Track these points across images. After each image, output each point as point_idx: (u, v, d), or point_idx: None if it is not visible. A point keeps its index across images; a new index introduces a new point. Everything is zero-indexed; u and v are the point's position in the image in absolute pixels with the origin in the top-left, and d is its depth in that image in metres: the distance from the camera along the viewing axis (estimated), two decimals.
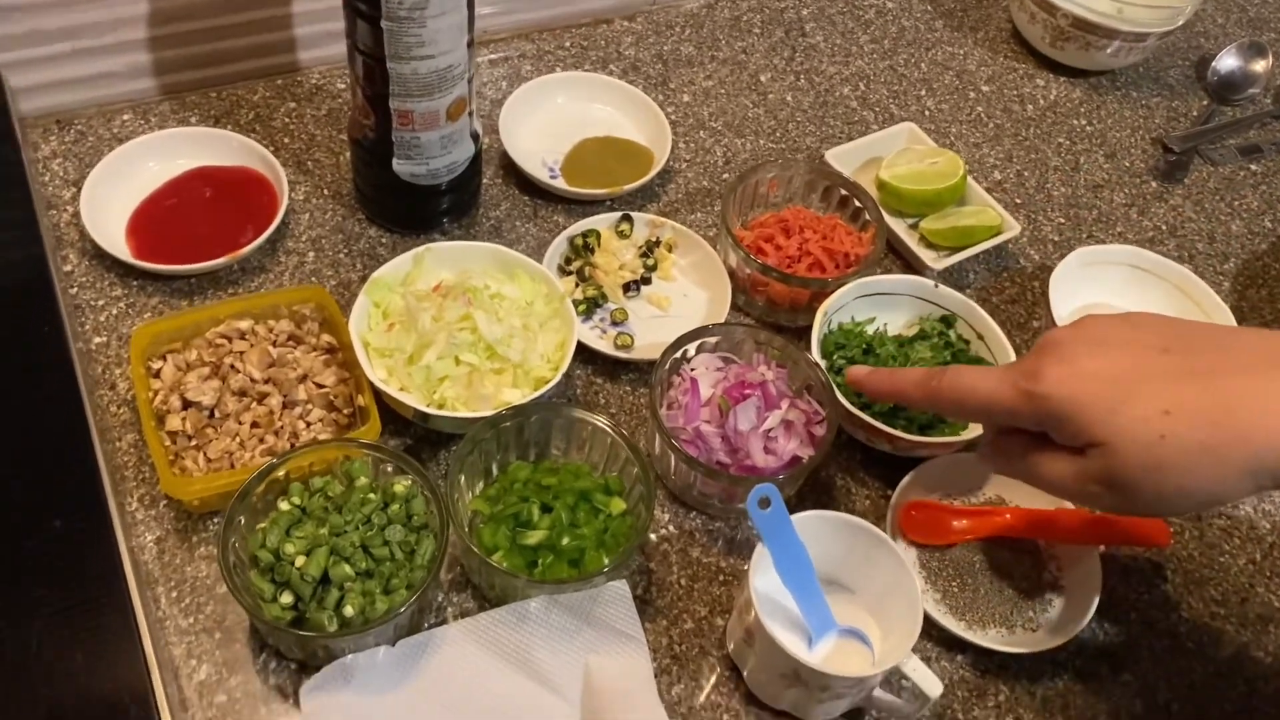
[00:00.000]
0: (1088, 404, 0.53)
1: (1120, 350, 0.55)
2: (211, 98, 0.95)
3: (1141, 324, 0.57)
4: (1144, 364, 0.54)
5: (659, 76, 1.05)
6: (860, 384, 0.68)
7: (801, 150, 1.01)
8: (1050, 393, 0.55)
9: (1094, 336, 0.56)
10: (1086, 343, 0.56)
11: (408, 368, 0.74)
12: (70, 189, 0.86)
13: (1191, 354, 0.54)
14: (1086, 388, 0.54)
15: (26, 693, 0.55)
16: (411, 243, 0.88)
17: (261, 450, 0.71)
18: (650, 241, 0.88)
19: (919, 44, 1.14)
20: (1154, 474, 0.52)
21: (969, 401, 0.60)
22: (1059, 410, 0.54)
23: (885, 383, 0.66)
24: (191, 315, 0.75)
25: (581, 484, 0.70)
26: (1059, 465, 0.56)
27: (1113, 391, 0.53)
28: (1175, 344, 0.55)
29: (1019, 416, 0.57)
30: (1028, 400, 0.56)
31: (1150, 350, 0.55)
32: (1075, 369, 0.55)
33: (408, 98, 0.77)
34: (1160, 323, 0.58)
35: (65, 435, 0.65)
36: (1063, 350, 0.56)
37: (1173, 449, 0.52)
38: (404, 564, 0.65)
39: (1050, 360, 0.55)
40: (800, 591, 0.66)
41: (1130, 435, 0.52)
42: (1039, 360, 0.56)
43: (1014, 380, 0.57)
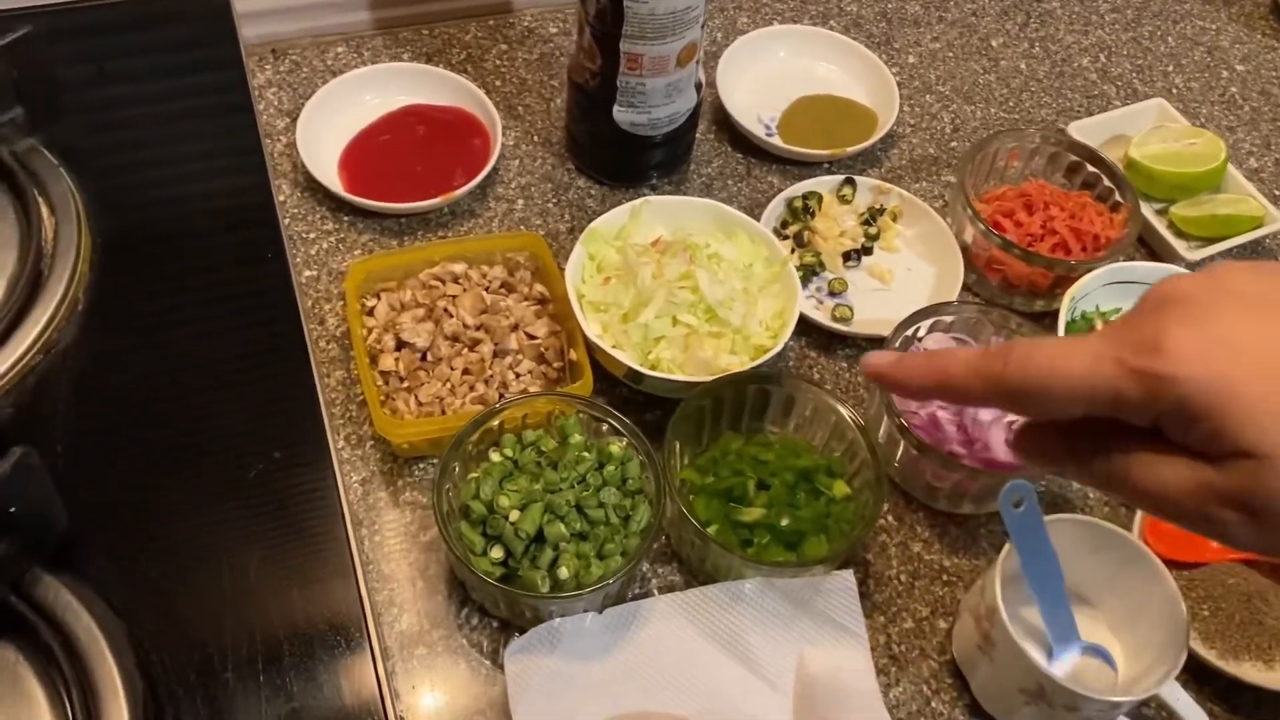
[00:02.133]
0: (1239, 395, 0.36)
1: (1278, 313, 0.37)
2: (424, 34, 0.93)
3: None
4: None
5: (882, 35, 0.98)
6: (884, 376, 0.45)
7: (1036, 122, 0.93)
8: (1180, 373, 0.36)
9: (1240, 290, 0.38)
10: (1231, 299, 0.38)
11: (623, 324, 0.70)
12: (284, 119, 0.85)
13: None
14: (1237, 369, 0.36)
15: (240, 623, 0.53)
16: (621, 196, 0.84)
17: (472, 398, 0.68)
18: (873, 209, 0.82)
19: (1166, 15, 1.04)
20: None
21: (1053, 389, 0.39)
22: (1193, 401, 0.36)
23: (923, 372, 0.44)
24: (406, 254, 0.73)
25: (802, 462, 0.66)
26: (1169, 472, 0.38)
27: (1273, 376, 0.36)
28: None
29: (1128, 406, 0.38)
30: (1142, 383, 0.37)
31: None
32: (1219, 338, 0.36)
33: (640, 39, 0.73)
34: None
35: (287, 366, 0.63)
36: (1194, 308, 0.37)
37: None
38: (618, 529, 0.61)
39: (1176, 323, 0.37)
40: (1046, 600, 0.60)
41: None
42: (1160, 323, 0.37)
43: (1119, 353, 0.37)
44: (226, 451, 0.59)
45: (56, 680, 0.49)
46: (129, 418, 0.60)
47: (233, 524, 0.56)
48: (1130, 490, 0.40)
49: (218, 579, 0.54)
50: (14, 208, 0.65)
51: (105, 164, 0.71)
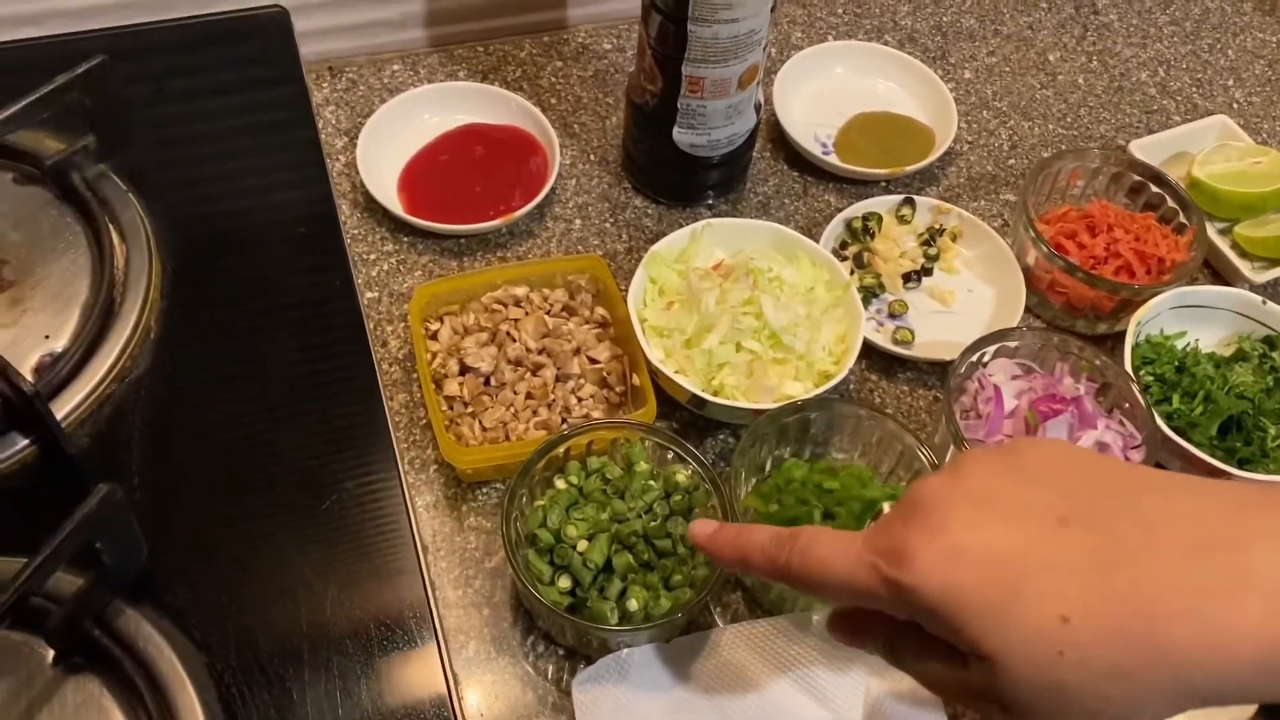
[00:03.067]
0: (968, 604, 0.39)
1: (1008, 519, 0.40)
2: (479, 52, 0.93)
3: (1038, 473, 0.42)
4: (1037, 543, 0.40)
5: (938, 50, 0.97)
6: (702, 544, 0.52)
7: (1096, 138, 0.92)
8: (918, 584, 0.40)
9: (975, 493, 0.42)
10: (966, 504, 0.41)
11: (686, 350, 0.70)
12: (342, 138, 0.85)
13: (1095, 526, 0.40)
14: (965, 578, 0.39)
15: (317, 656, 0.54)
16: (678, 215, 0.84)
17: (535, 423, 0.68)
18: (933, 229, 0.82)
19: (1225, 28, 1.03)
20: (1053, 699, 0.39)
21: (822, 582, 0.44)
22: (931, 608, 0.40)
23: (730, 543, 0.50)
24: (469, 278, 0.73)
25: (869, 493, 0.65)
26: (935, 670, 0.43)
27: (999, 585, 0.39)
28: (1075, 509, 0.40)
29: (885, 607, 0.43)
30: (890, 589, 0.41)
31: (1045, 520, 0.40)
32: (952, 549, 0.40)
33: (702, 63, 0.73)
34: (1061, 469, 0.42)
35: (356, 393, 0.64)
36: (934, 516, 0.41)
37: (1074, 671, 0.38)
38: (686, 559, 0.61)
39: (918, 532, 0.41)
40: None
41: (1022, 653, 0.39)
42: (905, 531, 0.41)
43: (874, 560, 0.42)
44: (299, 481, 0.59)
45: (140, 713, 0.50)
46: (202, 446, 0.60)
47: (307, 556, 0.56)
48: (916, 679, 0.45)
49: (294, 613, 0.54)
50: (86, 235, 0.65)
51: (172, 188, 0.71)
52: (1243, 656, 0.37)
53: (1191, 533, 0.39)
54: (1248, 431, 0.70)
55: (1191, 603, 0.37)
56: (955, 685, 0.42)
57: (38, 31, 0.80)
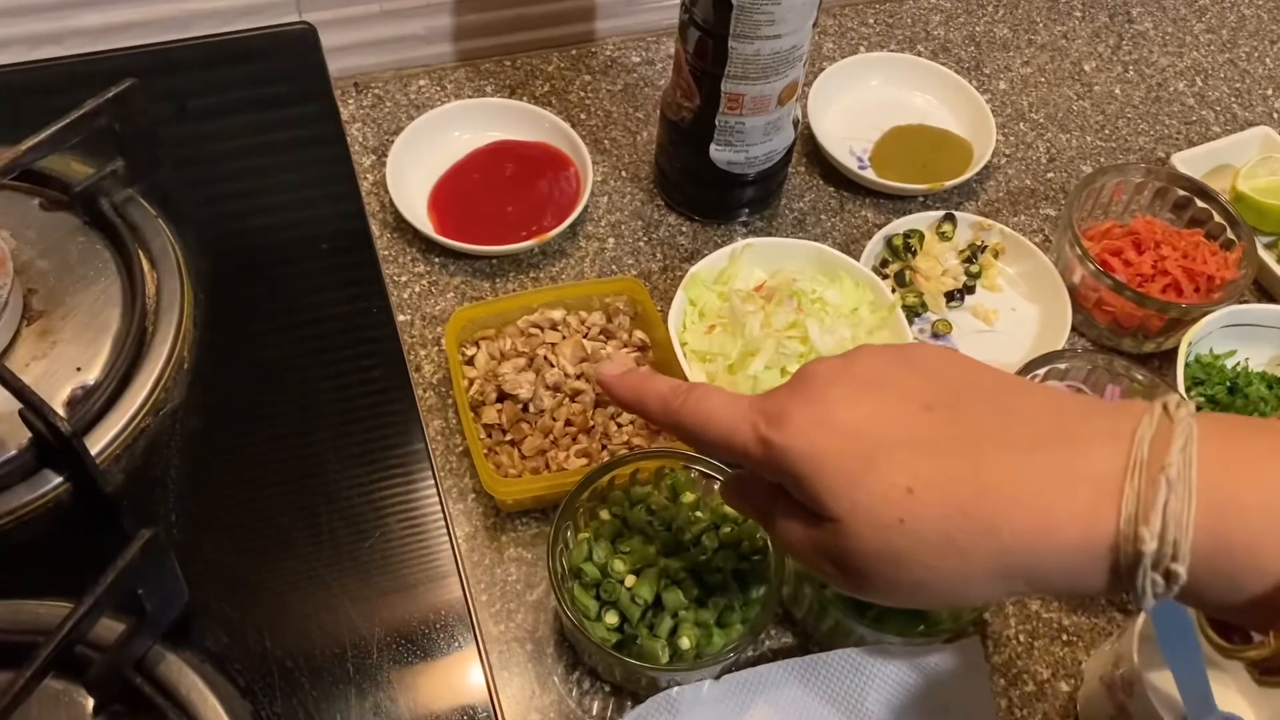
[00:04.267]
0: (825, 468, 0.42)
1: (879, 399, 0.43)
2: (506, 66, 0.91)
3: (922, 366, 0.45)
4: (899, 422, 0.42)
5: (971, 60, 0.96)
6: (606, 386, 0.53)
7: (1134, 150, 0.90)
8: (788, 445, 0.43)
9: (858, 375, 0.44)
10: (846, 383, 0.44)
11: (730, 375, 0.68)
12: (370, 156, 0.84)
13: (957, 414, 0.42)
14: (828, 445, 0.42)
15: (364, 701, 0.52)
16: (712, 232, 0.82)
17: (575, 450, 0.67)
18: (974, 246, 0.80)
19: (1262, 35, 1.01)
20: (889, 565, 0.42)
21: (705, 434, 0.47)
22: (794, 469, 0.43)
23: (632, 388, 0.51)
24: (505, 302, 0.71)
25: None
26: (794, 528, 0.45)
27: (856, 454, 0.42)
28: (942, 399, 0.43)
29: (755, 465, 0.45)
30: (763, 448, 0.44)
31: (912, 403, 0.43)
32: (822, 418, 0.43)
33: (743, 80, 0.71)
34: (947, 368, 0.45)
35: (396, 425, 0.62)
36: (818, 389, 0.44)
37: (911, 538, 0.41)
38: (737, 594, 0.60)
39: (799, 400, 0.44)
40: (1183, 668, 0.58)
41: (865, 516, 0.41)
42: (788, 398, 0.44)
43: (755, 420, 0.45)
44: (342, 516, 0.57)
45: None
46: (240, 482, 0.58)
47: (352, 596, 0.55)
48: (778, 540, 0.48)
49: (341, 657, 0.52)
50: (116, 263, 0.64)
51: (202, 211, 0.70)
52: (1066, 540, 0.39)
53: (1040, 428, 0.41)
54: None
55: (1028, 490, 0.40)
56: (809, 544, 0.44)
57: (59, 51, 0.78)
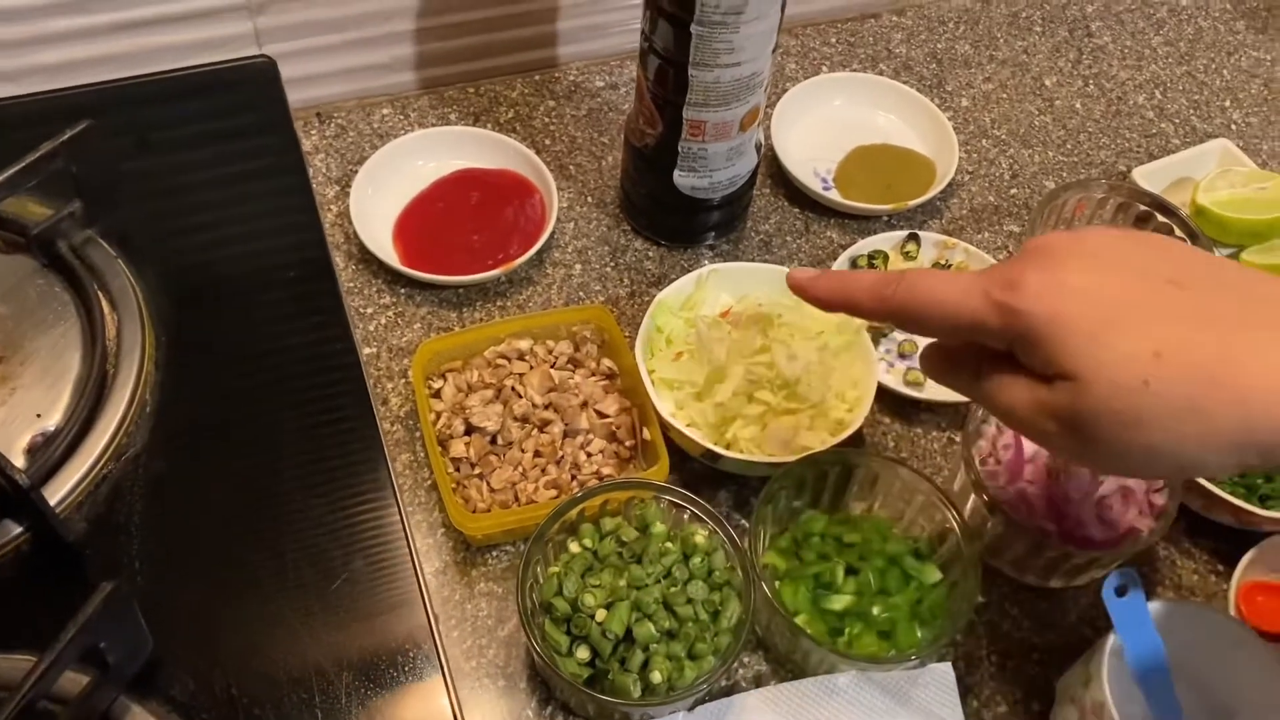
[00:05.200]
0: (1068, 326, 0.43)
1: (1121, 271, 0.44)
2: (469, 93, 0.91)
3: (1156, 246, 0.46)
4: (1145, 292, 0.43)
5: (934, 78, 0.96)
6: (803, 288, 0.54)
7: (1096, 165, 0.91)
8: (1027, 308, 0.44)
9: (1093, 249, 0.45)
10: (1082, 255, 0.45)
11: (698, 402, 0.68)
12: (334, 186, 0.83)
13: (1204, 293, 0.43)
14: (1070, 307, 0.43)
15: None
16: (679, 257, 0.82)
17: (544, 481, 0.67)
18: (939, 264, 0.81)
19: (1219, 47, 1.02)
20: (1126, 427, 0.42)
21: (930, 311, 0.48)
22: (1034, 329, 0.44)
23: (834, 288, 0.53)
24: (471, 333, 0.71)
25: (891, 547, 0.64)
26: (1016, 389, 0.46)
27: (1100, 316, 0.43)
28: (1189, 278, 0.44)
29: (986, 332, 0.46)
30: (999, 313, 0.45)
31: (1157, 279, 0.44)
32: (1061, 282, 0.44)
33: (704, 107, 0.71)
34: (1180, 251, 0.46)
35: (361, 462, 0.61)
36: (1051, 258, 0.45)
37: (1155, 401, 0.41)
38: (708, 626, 0.59)
39: (1034, 268, 0.45)
40: (1153, 690, 0.58)
41: (1109, 374, 0.42)
42: (1021, 267, 0.45)
43: (986, 288, 0.45)
44: (307, 560, 0.57)
45: None
46: (205, 526, 0.58)
47: (319, 639, 0.54)
48: (990, 404, 0.48)
49: (309, 702, 0.52)
50: (75, 306, 0.63)
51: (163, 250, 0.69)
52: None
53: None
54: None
55: (1274, 361, 0.40)
56: (1034, 405, 0.45)
57: (15, 90, 0.77)
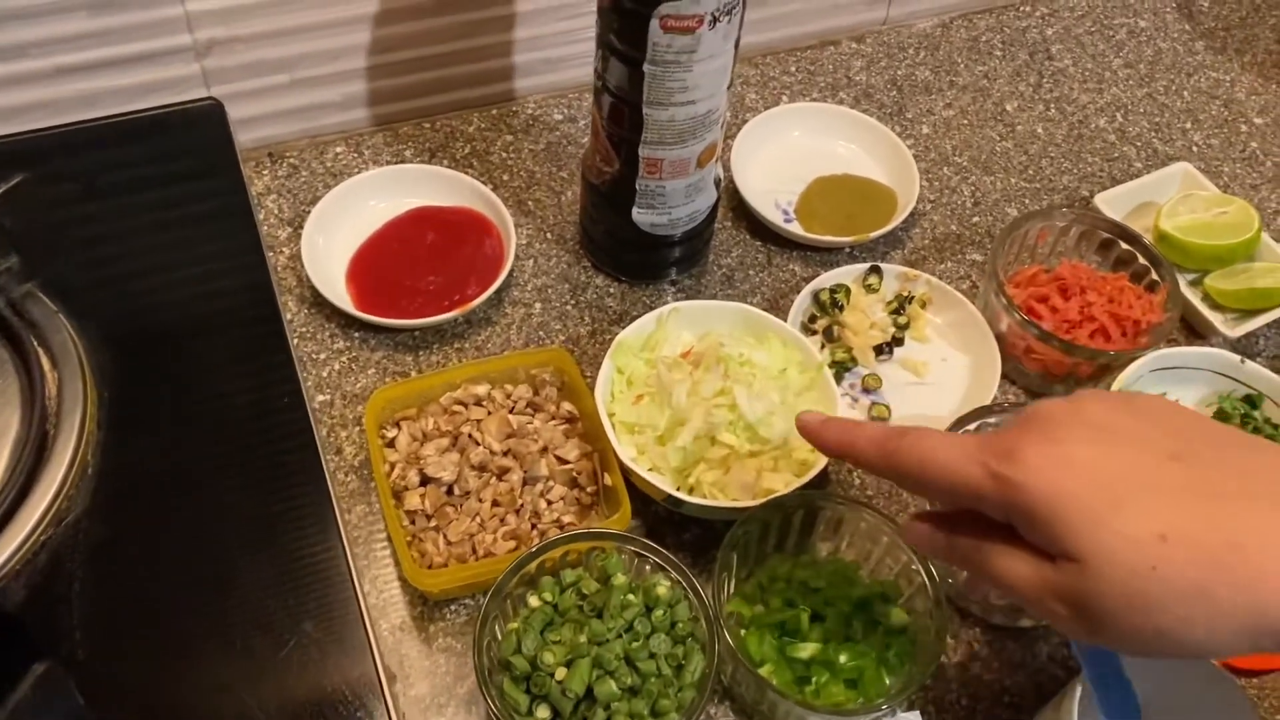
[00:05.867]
0: (1069, 507, 0.43)
1: (1123, 445, 0.44)
2: (425, 129, 0.89)
3: (1151, 415, 0.46)
4: (1147, 469, 0.43)
5: (894, 105, 0.96)
6: (812, 435, 0.56)
7: (1058, 190, 0.91)
8: (1026, 482, 0.44)
9: (1093, 420, 0.45)
10: (1083, 426, 0.45)
11: (659, 446, 0.67)
12: (286, 228, 0.81)
13: (1204, 466, 0.43)
14: (1072, 485, 0.43)
15: None
16: (640, 293, 0.81)
17: (503, 532, 0.65)
18: (901, 296, 0.80)
19: (1179, 69, 1.02)
20: (1135, 612, 0.42)
21: (930, 475, 0.48)
22: (1034, 507, 0.44)
23: (840, 437, 0.54)
24: (426, 380, 0.70)
25: (857, 591, 0.62)
26: (1020, 566, 0.45)
27: (1103, 496, 0.42)
28: (1188, 450, 0.44)
29: (984, 502, 0.46)
30: (997, 486, 0.45)
31: (1157, 453, 0.44)
32: (1063, 456, 0.44)
33: (659, 145, 0.70)
34: (1174, 418, 0.46)
35: (311, 520, 0.60)
36: (1051, 429, 0.45)
37: (1162, 586, 0.41)
38: (671, 680, 0.58)
39: (1033, 440, 0.45)
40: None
41: (1114, 559, 0.42)
42: (1020, 437, 0.45)
43: (984, 458, 0.45)
44: (256, 626, 0.55)
45: None
46: (148, 593, 0.56)
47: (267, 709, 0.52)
48: (991, 578, 0.47)
49: None
50: (14, 363, 0.61)
51: (105, 302, 0.67)
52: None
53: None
54: None
55: None
56: (1037, 583, 0.44)
57: None
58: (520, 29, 0.87)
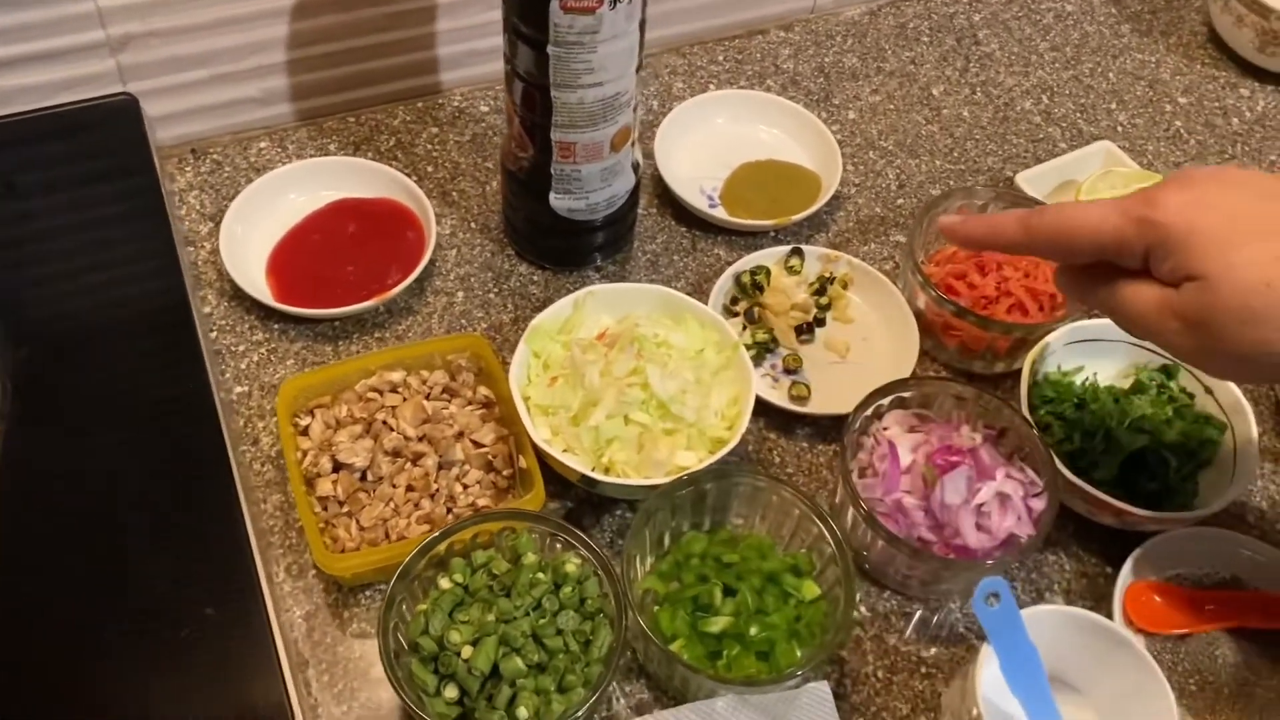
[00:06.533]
0: (1202, 235, 0.49)
1: (1254, 195, 0.50)
2: (350, 123, 0.89)
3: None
4: (1270, 211, 0.50)
5: (821, 91, 0.96)
6: (954, 232, 0.61)
7: (983, 171, 0.91)
8: (1164, 220, 0.50)
9: (1231, 177, 0.52)
10: (1219, 181, 0.51)
11: (573, 427, 0.67)
12: (208, 224, 0.81)
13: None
14: (1203, 218, 0.49)
15: None
16: (564, 280, 0.81)
17: (418, 516, 0.65)
18: (824, 278, 0.80)
19: (1105, 51, 1.03)
20: (1245, 324, 0.48)
21: (1074, 232, 0.53)
22: (1171, 238, 0.50)
23: (982, 227, 0.59)
24: (341, 367, 0.69)
25: (769, 565, 0.63)
26: (1144, 293, 0.52)
27: (1230, 227, 0.49)
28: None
29: (1127, 246, 0.52)
30: (1139, 226, 0.51)
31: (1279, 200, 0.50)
32: (1198, 198, 0.50)
33: (571, 128, 0.70)
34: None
35: (215, 508, 0.59)
36: (1191, 181, 0.51)
37: (1274, 300, 0.47)
38: (579, 656, 0.58)
39: (1173, 188, 0.51)
40: (1029, 697, 0.57)
41: (1234, 275, 0.48)
42: (1161, 187, 0.51)
43: (1127, 206, 0.51)
44: (157, 611, 0.55)
45: None
46: (53, 585, 0.56)
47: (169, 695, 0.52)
48: (1117, 310, 0.54)
49: None
50: None
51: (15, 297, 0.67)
52: None
53: None
54: (1151, 467, 0.69)
55: None
56: (1160, 305, 0.51)
57: None
58: (443, 20, 0.88)
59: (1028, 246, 0.57)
